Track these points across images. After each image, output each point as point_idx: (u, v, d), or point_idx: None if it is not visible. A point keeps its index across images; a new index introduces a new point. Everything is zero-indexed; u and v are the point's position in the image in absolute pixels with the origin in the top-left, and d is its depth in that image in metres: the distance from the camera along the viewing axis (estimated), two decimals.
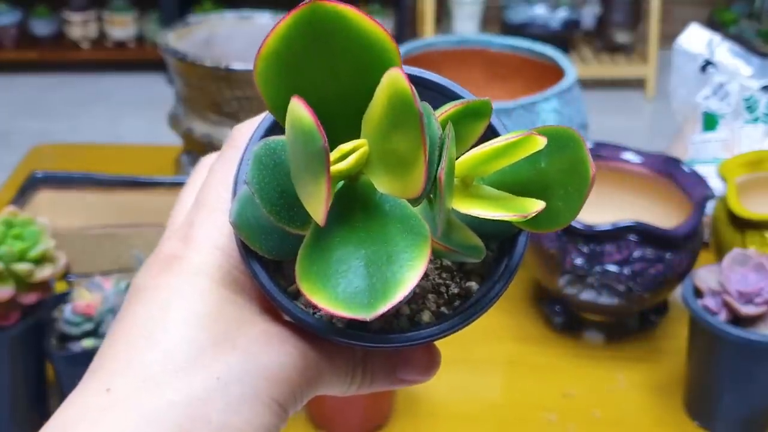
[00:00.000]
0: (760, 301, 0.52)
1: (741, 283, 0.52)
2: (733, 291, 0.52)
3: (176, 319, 0.20)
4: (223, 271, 0.21)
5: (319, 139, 0.17)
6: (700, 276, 0.54)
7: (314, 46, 0.19)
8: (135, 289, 0.22)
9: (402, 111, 0.18)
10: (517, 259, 0.22)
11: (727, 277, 0.53)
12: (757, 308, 0.52)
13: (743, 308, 0.51)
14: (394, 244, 0.19)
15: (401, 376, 0.23)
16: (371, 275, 0.18)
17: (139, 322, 0.21)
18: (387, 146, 0.19)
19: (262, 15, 0.81)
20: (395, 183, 0.19)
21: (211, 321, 0.20)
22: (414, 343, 0.21)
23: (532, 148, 0.19)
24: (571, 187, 0.20)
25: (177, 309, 0.21)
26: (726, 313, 0.53)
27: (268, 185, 0.20)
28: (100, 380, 0.20)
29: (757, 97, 0.76)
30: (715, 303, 0.53)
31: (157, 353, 0.20)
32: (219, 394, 0.20)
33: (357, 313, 0.18)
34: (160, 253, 0.22)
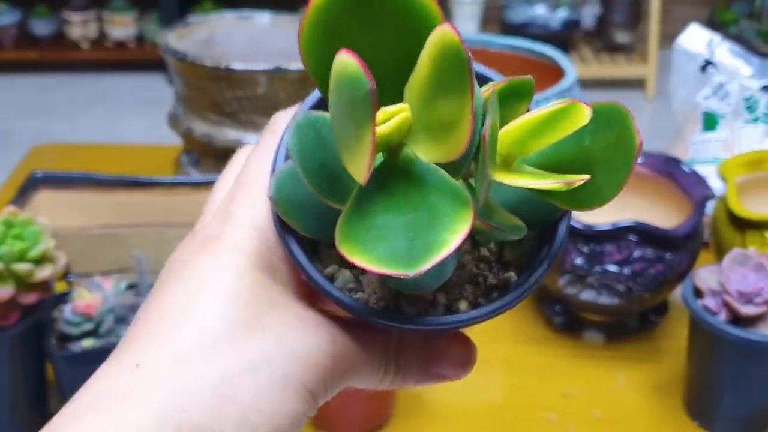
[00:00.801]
0: (760, 301, 0.52)
1: (741, 283, 0.52)
2: (733, 291, 0.52)
3: (211, 297, 0.20)
4: (259, 253, 0.21)
5: (366, 82, 0.17)
6: (700, 276, 0.54)
7: (356, 10, 0.19)
8: (170, 265, 0.21)
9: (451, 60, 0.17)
10: (558, 245, 0.21)
11: (727, 277, 0.53)
12: (757, 308, 0.52)
13: (743, 308, 0.51)
14: (436, 210, 0.18)
15: (435, 370, 0.22)
16: (412, 238, 0.18)
17: (173, 298, 0.20)
18: (430, 111, 0.18)
19: (262, 15, 0.81)
20: (438, 146, 0.18)
21: (246, 301, 0.20)
22: (451, 326, 0.21)
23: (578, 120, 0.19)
24: (616, 160, 0.19)
25: (212, 287, 0.20)
26: (726, 313, 0.53)
27: (309, 155, 0.19)
28: (130, 355, 0.20)
29: (757, 97, 0.76)
30: (715, 303, 0.53)
31: (189, 330, 0.20)
32: (249, 375, 0.19)
33: (398, 269, 0.18)
34: (198, 231, 0.22)
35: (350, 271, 0.22)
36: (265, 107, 0.70)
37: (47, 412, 0.55)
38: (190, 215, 0.64)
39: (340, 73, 0.17)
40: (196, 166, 0.74)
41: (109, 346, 0.51)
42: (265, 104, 0.70)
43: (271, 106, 0.70)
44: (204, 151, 0.73)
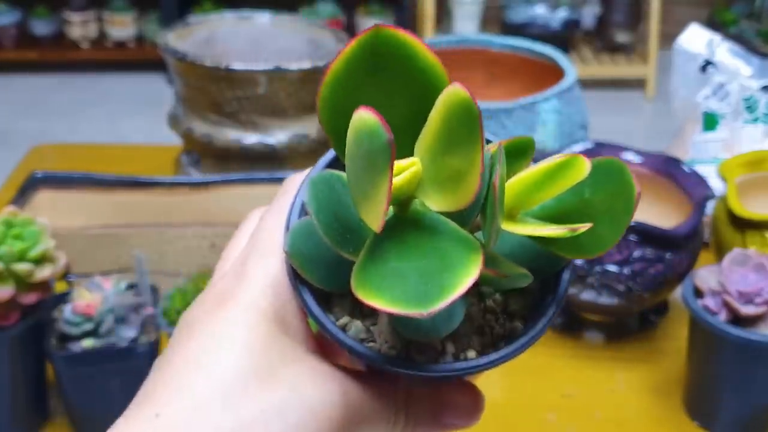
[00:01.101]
0: (760, 301, 0.52)
1: (741, 283, 0.52)
2: (733, 291, 0.52)
3: (225, 350, 0.21)
4: (273, 309, 0.22)
5: (384, 134, 0.18)
6: (700, 276, 0.54)
7: (372, 72, 0.20)
8: (186, 323, 0.22)
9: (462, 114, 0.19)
10: (562, 294, 0.22)
11: (727, 277, 0.53)
12: (757, 308, 0.52)
13: (743, 308, 0.51)
14: (447, 255, 0.19)
15: (445, 420, 0.23)
16: (425, 281, 0.19)
17: (190, 353, 0.21)
18: (440, 164, 0.19)
19: (262, 15, 0.81)
20: (447, 196, 0.20)
21: (259, 353, 0.21)
22: (459, 373, 0.21)
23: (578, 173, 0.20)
24: (616, 210, 0.21)
25: (227, 340, 0.21)
26: (726, 313, 0.53)
27: (324, 208, 0.21)
28: (150, 406, 0.20)
29: (757, 97, 0.76)
30: (715, 303, 0.53)
31: (205, 381, 0.20)
32: (262, 425, 0.20)
33: (413, 309, 0.18)
34: (213, 289, 0.23)
35: (362, 322, 0.23)
36: (265, 107, 0.70)
37: (47, 413, 0.55)
38: (190, 215, 0.64)
39: (360, 127, 0.19)
40: (196, 166, 0.73)
41: (109, 346, 0.51)
42: (265, 104, 0.70)
43: (271, 106, 0.70)
44: (204, 151, 0.73)
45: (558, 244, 0.21)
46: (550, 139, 0.68)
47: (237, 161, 0.71)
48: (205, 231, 0.61)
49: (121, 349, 0.51)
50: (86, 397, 0.52)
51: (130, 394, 0.58)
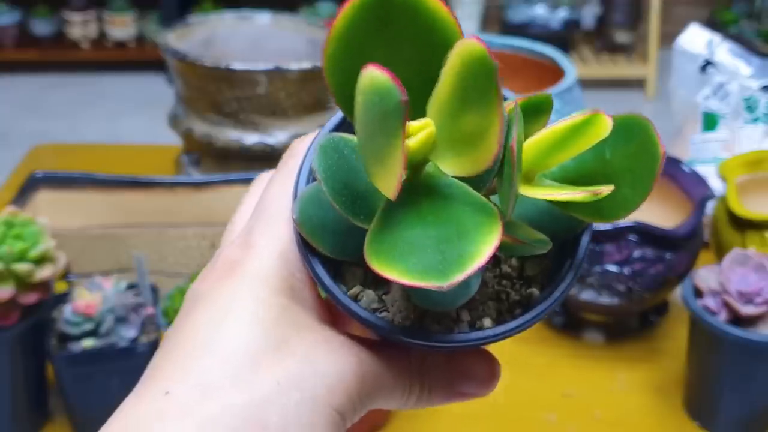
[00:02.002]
0: (760, 301, 0.52)
1: (741, 283, 0.52)
2: (733, 291, 0.52)
3: (235, 324, 0.20)
4: (282, 278, 0.21)
5: (397, 93, 0.17)
6: (700, 276, 0.54)
7: (379, 27, 0.19)
8: (193, 295, 0.22)
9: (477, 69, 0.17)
10: (581, 258, 0.21)
11: (727, 278, 0.53)
12: (757, 308, 0.52)
13: (743, 308, 0.51)
14: (464, 224, 0.18)
15: (461, 389, 0.22)
16: (443, 251, 0.18)
17: (198, 327, 0.20)
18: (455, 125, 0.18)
19: (262, 15, 0.81)
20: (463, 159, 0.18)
21: (270, 326, 0.20)
22: (476, 343, 0.21)
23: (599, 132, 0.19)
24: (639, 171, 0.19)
25: (236, 314, 0.20)
26: (726, 313, 0.53)
27: (334, 174, 0.20)
28: (159, 384, 0.20)
29: (757, 97, 0.76)
30: (715, 303, 0.53)
31: (216, 357, 0.20)
32: (277, 398, 0.19)
33: (431, 281, 0.17)
34: (219, 258, 0.22)
35: (374, 291, 0.22)
36: (265, 107, 0.70)
37: (47, 412, 0.55)
38: (190, 215, 0.64)
39: (369, 86, 0.17)
40: (197, 166, 0.74)
41: (109, 346, 0.51)
42: (265, 104, 0.70)
43: (271, 106, 0.70)
44: (204, 151, 0.73)
45: (578, 207, 0.20)
46: None
47: (237, 161, 0.71)
48: (205, 231, 0.61)
49: (121, 349, 0.51)
50: (86, 397, 0.52)
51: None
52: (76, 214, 0.63)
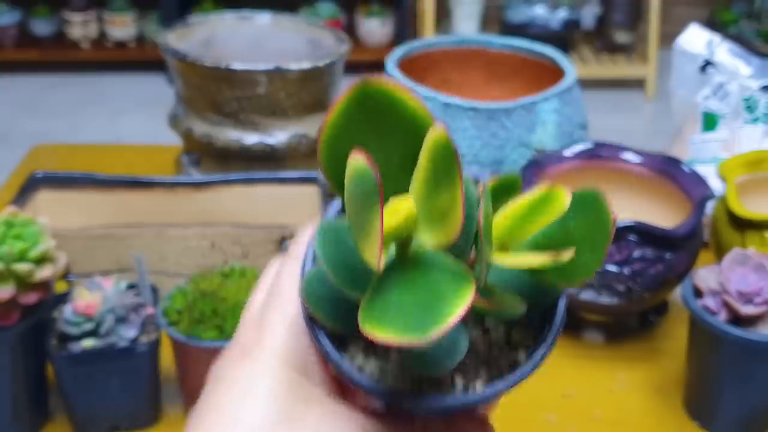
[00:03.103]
0: (760, 301, 0.52)
1: (741, 283, 0.52)
2: (733, 291, 0.52)
3: (252, 400, 0.23)
4: (294, 355, 0.24)
5: (373, 177, 0.19)
6: (700, 276, 0.54)
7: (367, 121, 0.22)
8: (216, 377, 0.25)
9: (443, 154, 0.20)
10: (558, 323, 0.24)
11: (726, 277, 0.53)
12: (757, 308, 0.52)
13: (743, 308, 0.52)
14: (442, 290, 0.21)
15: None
16: (424, 313, 0.21)
17: (223, 404, 0.23)
18: (431, 202, 0.21)
19: (262, 15, 0.81)
20: (439, 232, 0.21)
21: (283, 399, 0.23)
22: (468, 404, 0.23)
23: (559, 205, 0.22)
24: (596, 237, 0.22)
25: (254, 391, 0.23)
26: (726, 313, 0.53)
27: (332, 254, 0.23)
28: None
29: (757, 97, 0.76)
30: (714, 303, 0.53)
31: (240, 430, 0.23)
32: None
33: (411, 339, 0.20)
34: (237, 342, 0.25)
35: (375, 360, 0.24)
36: (265, 107, 0.70)
37: (48, 412, 0.55)
38: (190, 215, 0.64)
39: (353, 171, 0.20)
40: (197, 166, 0.74)
41: (109, 346, 0.51)
42: (265, 104, 0.70)
43: (271, 106, 0.70)
44: (204, 151, 0.73)
45: (546, 272, 0.23)
46: (550, 139, 0.68)
47: (237, 161, 0.71)
48: (205, 231, 0.61)
49: (122, 349, 0.51)
50: (86, 397, 0.52)
51: (129, 393, 0.57)
52: (77, 214, 0.63)
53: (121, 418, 0.54)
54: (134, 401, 0.53)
